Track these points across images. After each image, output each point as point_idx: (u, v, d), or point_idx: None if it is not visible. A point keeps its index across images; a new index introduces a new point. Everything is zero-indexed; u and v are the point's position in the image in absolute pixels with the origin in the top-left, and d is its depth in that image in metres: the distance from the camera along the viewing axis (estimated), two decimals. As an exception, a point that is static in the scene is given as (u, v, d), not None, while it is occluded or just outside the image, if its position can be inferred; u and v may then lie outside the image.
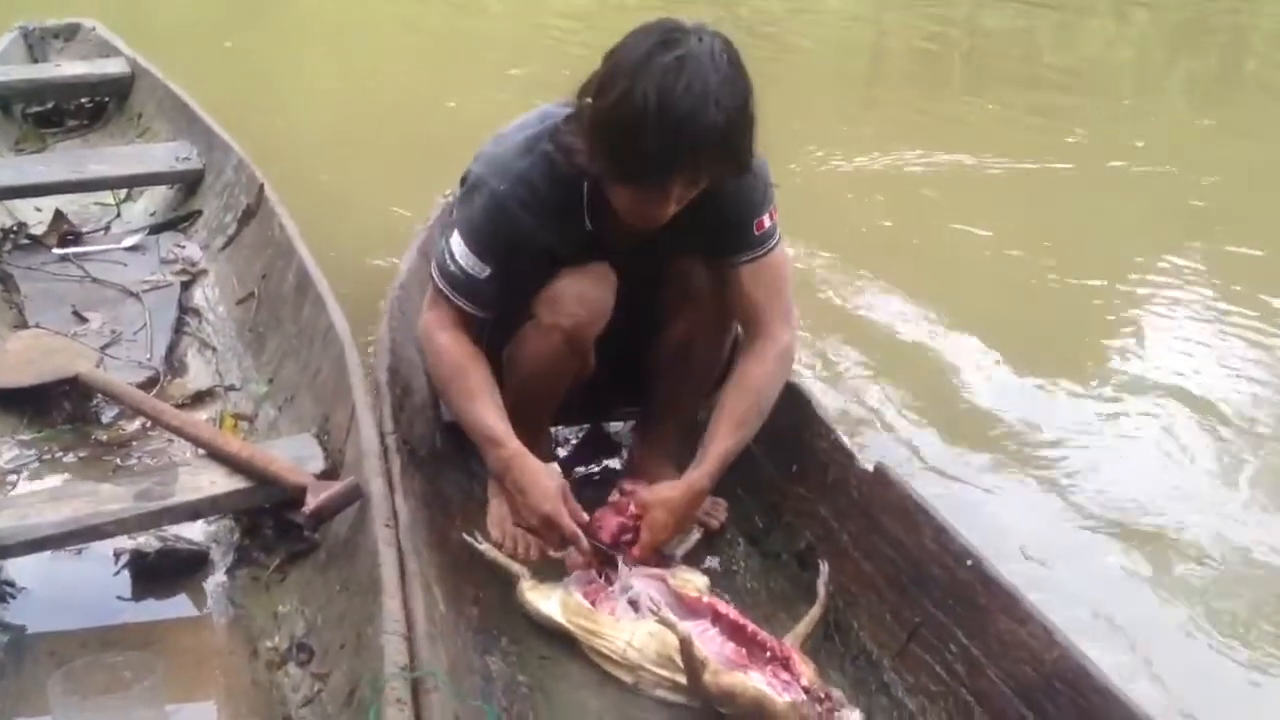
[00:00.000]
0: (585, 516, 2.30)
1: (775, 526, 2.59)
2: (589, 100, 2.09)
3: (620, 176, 2.11)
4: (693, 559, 2.48)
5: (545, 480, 2.26)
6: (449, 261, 2.30)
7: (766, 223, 2.35)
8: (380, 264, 3.95)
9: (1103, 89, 7.15)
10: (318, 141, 5.44)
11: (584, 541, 2.26)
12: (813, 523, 2.50)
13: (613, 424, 2.95)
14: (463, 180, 2.34)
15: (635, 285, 2.39)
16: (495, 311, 2.34)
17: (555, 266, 2.33)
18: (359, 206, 4.60)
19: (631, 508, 2.36)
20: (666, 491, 2.35)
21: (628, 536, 2.34)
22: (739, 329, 2.51)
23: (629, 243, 2.30)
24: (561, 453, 2.88)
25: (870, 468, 2.40)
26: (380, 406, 2.51)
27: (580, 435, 2.96)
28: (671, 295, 2.44)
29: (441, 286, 2.32)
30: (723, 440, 2.33)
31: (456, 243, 2.29)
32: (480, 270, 2.27)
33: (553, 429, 2.87)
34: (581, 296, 2.31)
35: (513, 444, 2.27)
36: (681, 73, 1.97)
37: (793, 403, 2.58)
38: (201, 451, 2.52)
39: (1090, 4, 9.31)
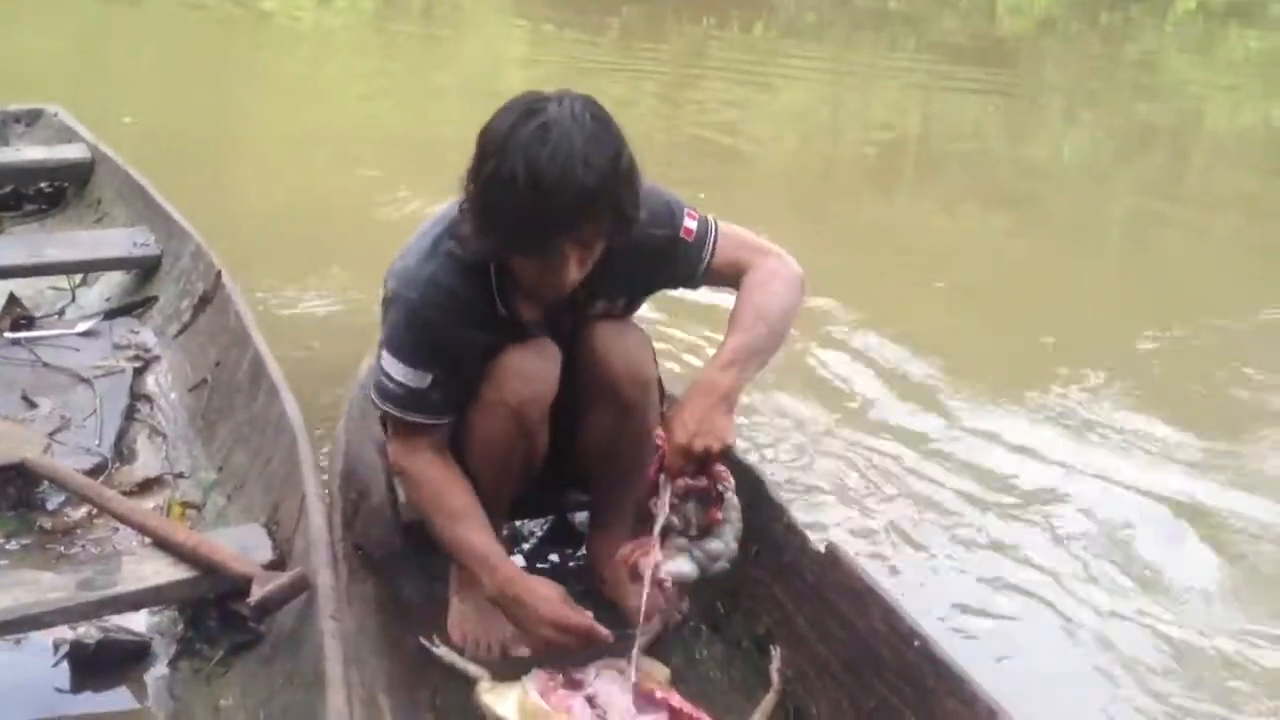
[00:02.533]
0: (589, 614, 2.27)
1: (735, 611, 2.56)
2: (468, 184, 2.10)
3: (510, 251, 2.11)
4: (655, 647, 2.44)
5: (544, 590, 2.26)
6: (388, 383, 2.26)
7: (692, 226, 2.32)
8: (336, 348, 3.94)
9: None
10: (277, 224, 5.43)
11: (600, 630, 2.24)
12: (770, 606, 2.48)
13: (578, 514, 2.88)
14: (383, 300, 2.31)
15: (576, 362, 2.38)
16: (453, 413, 2.30)
17: (492, 354, 2.31)
18: (317, 293, 4.59)
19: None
20: (681, 402, 2.25)
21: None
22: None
23: (555, 313, 2.32)
24: (525, 547, 2.85)
25: (822, 549, 2.38)
26: (332, 512, 2.48)
27: (544, 528, 2.93)
28: (582, 383, 2.40)
29: (391, 411, 2.28)
30: (732, 339, 2.23)
31: (389, 362, 2.25)
32: (421, 380, 2.23)
33: (516, 523, 2.86)
34: (524, 372, 2.27)
35: (504, 564, 2.28)
36: (546, 140, 1.97)
37: (746, 485, 2.56)
38: (147, 540, 2.46)
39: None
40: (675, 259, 2.34)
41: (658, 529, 2.23)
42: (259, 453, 2.84)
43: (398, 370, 2.24)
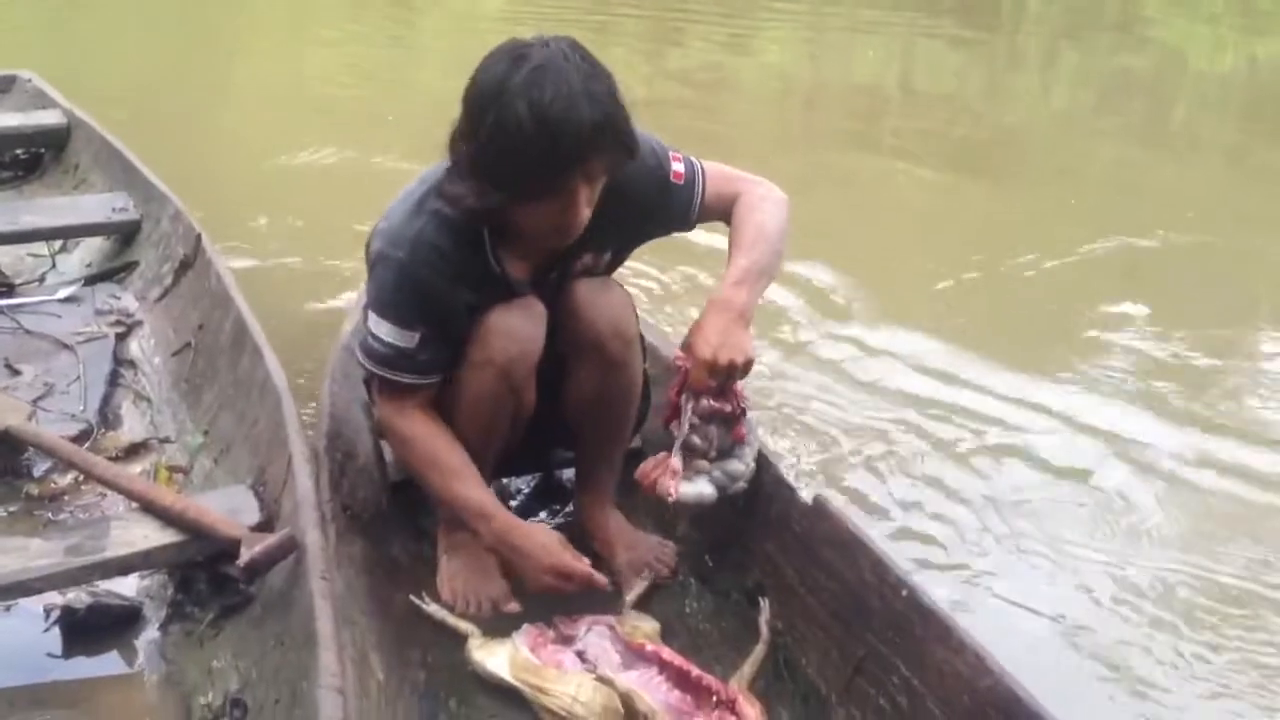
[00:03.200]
0: (586, 560, 2.28)
1: (724, 564, 2.57)
2: (462, 145, 2.10)
3: (525, 197, 2.10)
4: (643, 603, 2.45)
5: (542, 537, 2.28)
6: (375, 344, 2.25)
7: (680, 169, 2.38)
8: (318, 308, 3.93)
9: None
10: (255, 187, 5.40)
11: (599, 578, 2.26)
12: (759, 559, 2.49)
13: (565, 471, 2.88)
14: (368, 262, 2.30)
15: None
16: (441, 373, 2.30)
17: (480, 314, 2.31)
18: (297, 253, 4.57)
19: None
20: (699, 321, 2.28)
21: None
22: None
23: (542, 270, 2.33)
24: (513, 504, 2.84)
25: (810, 500, 2.39)
26: (319, 472, 2.48)
27: (531, 485, 2.92)
28: (567, 341, 2.40)
29: (379, 371, 2.28)
30: (739, 259, 2.29)
31: (375, 322, 2.25)
32: (409, 340, 2.23)
33: (503, 480, 2.85)
34: (510, 331, 2.27)
35: (501, 514, 2.29)
36: (543, 82, 1.99)
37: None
38: (134, 505, 2.46)
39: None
40: (668, 203, 2.38)
41: (678, 444, 2.30)
42: (244, 415, 2.84)
43: (385, 330, 2.23)
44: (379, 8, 10.99)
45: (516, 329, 2.28)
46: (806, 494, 2.43)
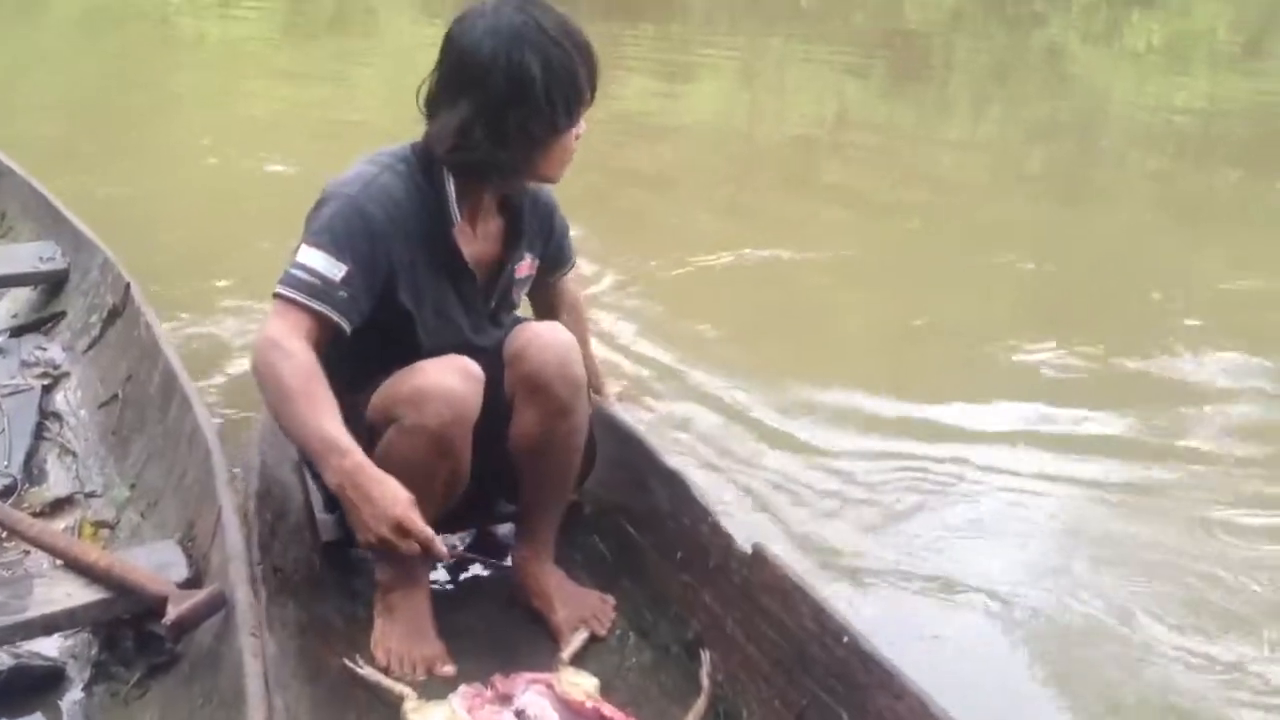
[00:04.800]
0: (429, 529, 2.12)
1: (663, 617, 2.54)
2: (464, 100, 2.19)
3: (565, 118, 2.22)
4: (582, 659, 2.42)
5: (394, 487, 2.07)
6: (298, 272, 2.17)
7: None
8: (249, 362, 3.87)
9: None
10: (188, 234, 5.32)
11: (439, 544, 2.10)
12: (699, 610, 2.46)
13: (500, 526, 2.83)
14: (311, 210, 2.27)
15: (497, 366, 2.37)
16: (352, 321, 2.20)
17: (413, 298, 2.29)
18: (229, 303, 4.50)
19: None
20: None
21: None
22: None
23: (491, 265, 2.42)
24: (447, 562, 2.78)
25: (749, 549, 2.37)
26: (249, 528, 2.42)
27: (466, 542, 2.86)
28: (513, 382, 2.39)
29: (291, 295, 2.15)
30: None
31: (305, 251, 2.18)
32: (335, 270, 2.16)
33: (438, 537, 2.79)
34: (446, 393, 2.21)
35: (358, 453, 2.08)
36: (541, 16, 2.19)
37: (671, 487, 2.57)
38: (58, 562, 2.39)
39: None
40: (562, 249, 2.67)
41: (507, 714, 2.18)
42: (173, 468, 2.78)
43: (313, 257, 2.17)
44: (317, 54, 10.97)
45: (452, 391, 2.22)
46: (745, 543, 2.41)
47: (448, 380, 2.22)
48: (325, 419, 2.09)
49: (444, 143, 2.23)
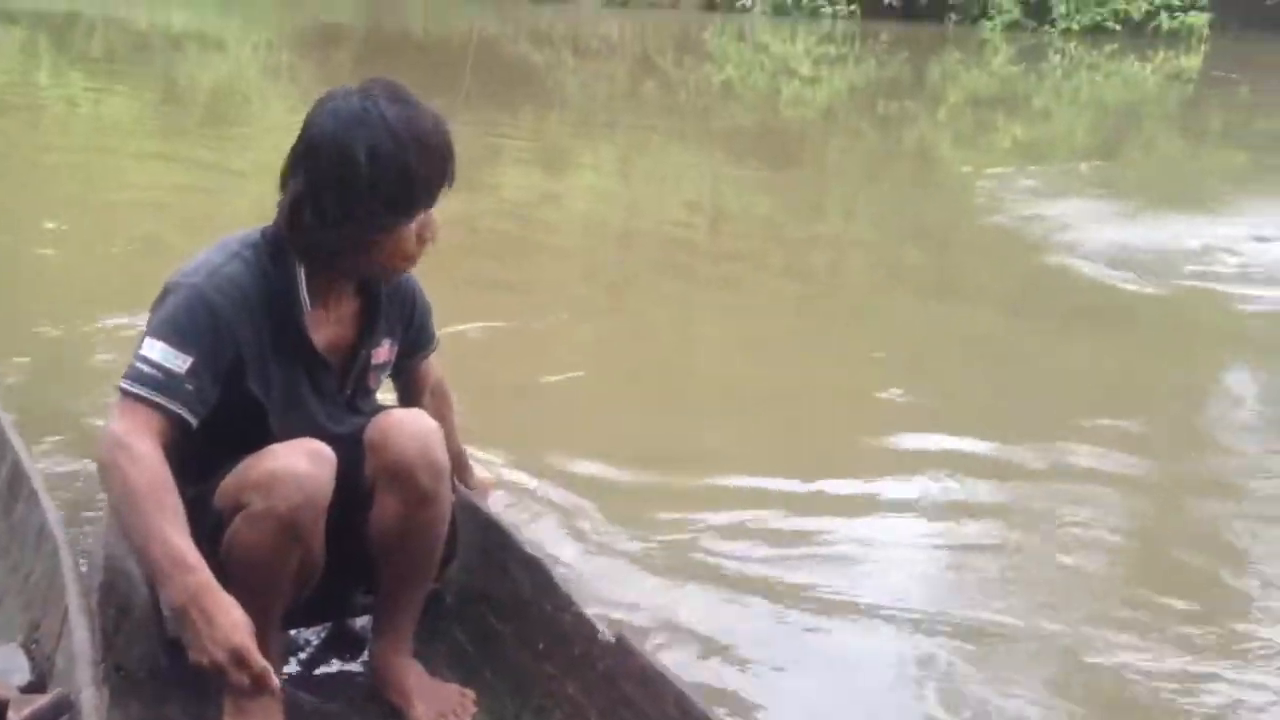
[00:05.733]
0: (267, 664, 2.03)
1: (525, 709, 2.48)
2: (303, 183, 2.18)
3: (404, 217, 2.20)
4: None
5: (237, 613, 1.99)
6: (142, 366, 2.12)
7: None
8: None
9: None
10: (41, 326, 5.15)
11: (272, 679, 2.00)
12: (562, 701, 2.42)
13: (357, 619, 2.75)
14: (156, 299, 2.24)
15: (354, 453, 2.32)
16: (197, 414, 2.14)
17: (263, 387, 2.25)
18: (80, 394, 4.36)
19: None
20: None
21: None
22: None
23: (345, 352, 2.38)
24: (302, 655, 2.71)
25: (613, 638, 2.35)
26: (93, 628, 2.34)
27: (321, 636, 2.78)
28: (374, 468, 2.35)
29: (134, 390, 2.10)
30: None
31: (148, 344, 2.14)
32: (180, 363, 2.11)
33: (291, 632, 2.68)
34: (297, 476, 2.15)
35: (205, 571, 2.00)
36: (393, 110, 2.16)
37: (534, 575, 2.55)
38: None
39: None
40: (423, 331, 2.63)
41: None
42: (18, 567, 2.65)
43: (156, 351, 2.13)
44: (190, 141, 10.85)
45: (303, 474, 2.15)
46: (609, 631, 2.38)
47: (298, 463, 2.16)
48: (172, 530, 2.02)
49: (279, 220, 2.23)
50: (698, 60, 19.84)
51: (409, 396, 2.74)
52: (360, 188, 2.15)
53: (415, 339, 2.62)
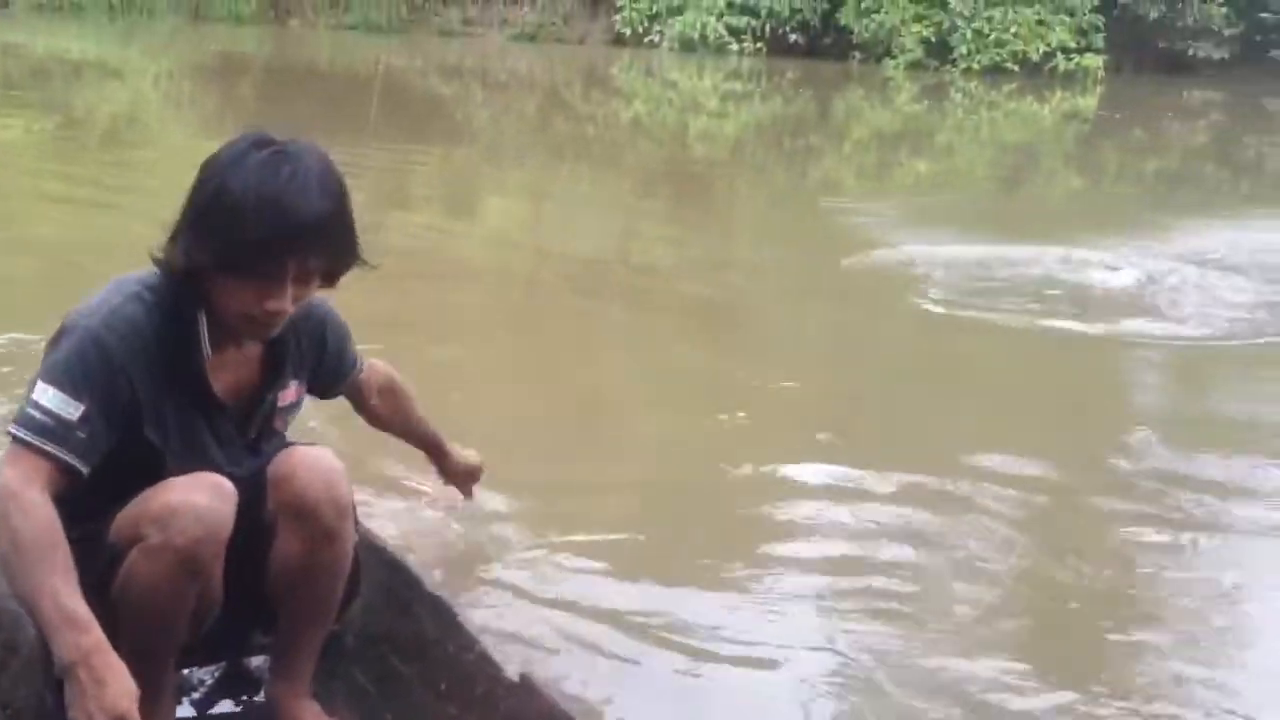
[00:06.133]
0: None
1: (428, 751, 2.44)
2: (188, 208, 2.10)
3: (234, 269, 2.05)
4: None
5: (126, 680, 1.95)
6: (33, 412, 2.06)
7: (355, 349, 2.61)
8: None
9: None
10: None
11: None
12: (465, 742, 2.38)
13: (254, 659, 2.68)
14: (50, 338, 2.17)
15: (255, 491, 2.26)
16: (90, 463, 2.09)
17: (159, 433, 2.17)
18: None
19: None
20: None
21: None
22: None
23: (246, 399, 2.29)
24: (195, 696, 2.64)
25: (517, 678, 2.32)
26: None
27: (215, 675, 2.71)
28: (277, 505, 2.30)
29: (25, 437, 2.05)
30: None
31: (41, 391, 2.07)
32: (72, 411, 2.05)
33: (184, 671, 2.61)
34: (195, 509, 2.10)
35: (96, 631, 1.96)
36: (283, 163, 2.04)
37: (437, 614, 2.50)
38: None
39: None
40: (340, 362, 2.58)
41: None
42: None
43: (49, 397, 2.06)
44: (90, 169, 10.62)
45: (202, 507, 2.11)
46: (513, 671, 2.35)
47: (198, 497, 2.11)
48: (62, 585, 1.97)
49: (161, 253, 2.16)
50: (606, 95, 19.92)
51: (361, 409, 2.86)
52: (200, 226, 2.07)
53: (334, 369, 2.59)
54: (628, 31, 24.99)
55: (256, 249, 2.03)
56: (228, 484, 2.17)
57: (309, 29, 26.58)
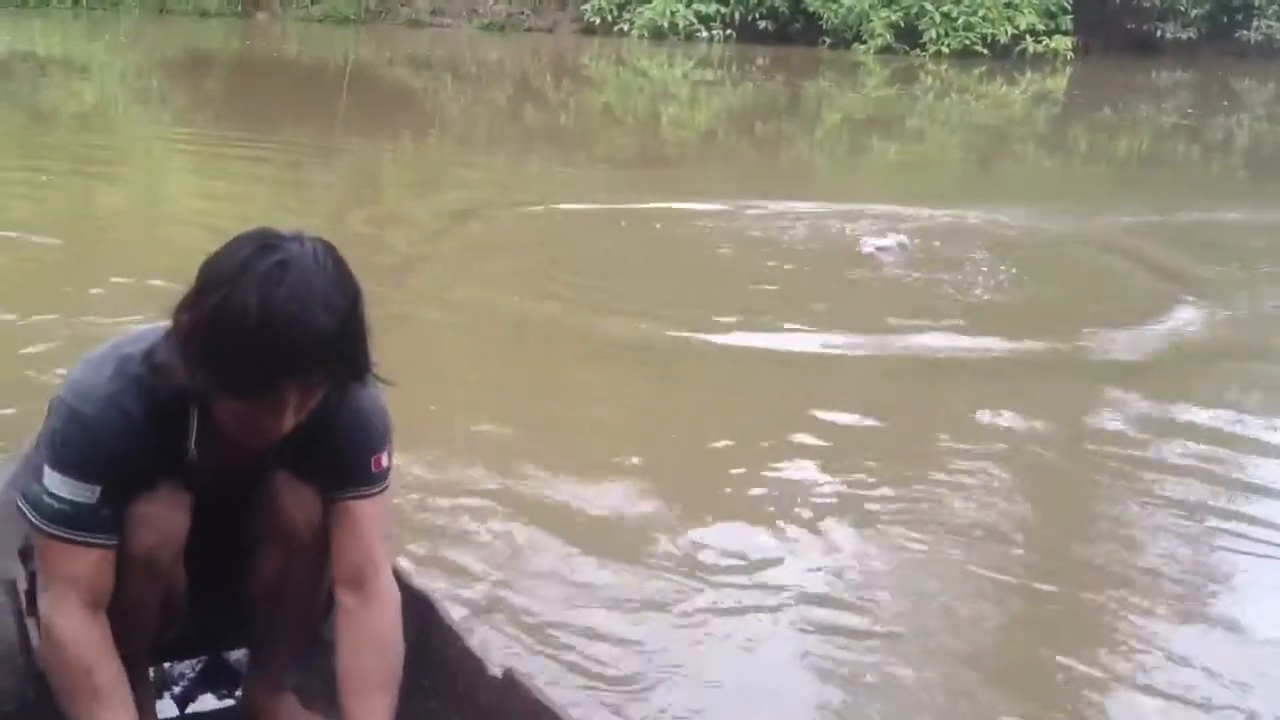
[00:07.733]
0: None
1: (409, 746, 2.43)
2: (185, 316, 1.97)
3: (227, 391, 1.97)
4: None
5: None
6: (52, 502, 2.04)
7: (384, 461, 2.26)
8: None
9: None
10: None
11: None
12: (447, 737, 2.36)
13: (233, 653, 2.67)
14: (50, 405, 2.12)
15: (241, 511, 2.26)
16: (119, 534, 2.10)
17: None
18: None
19: None
20: None
21: None
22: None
23: (240, 474, 2.20)
24: (176, 690, 2.63)
25: (499, 673, 2.31)
26: None
27: (196, 669, 2.69)
28: (259, 524, 2.28)
29: (55, 533, 2.05)
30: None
31: (52, 478, 2.05)
32: (89, 494, 2.04)
33: (166, 665, 2.63)
34: (151, 520, 2.12)
35: None
36: (284, 278, 1.88)
37: (419, 610, 2.48)
38: None
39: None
40: (349, 469, 2.24)
41: None
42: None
43: (62, 485, 2.04)
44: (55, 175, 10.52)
45: (158, 518, 2.13)
46: (496, 666, 2.34)
47: (151, 506, 2.13)
48: (105, 712, 2.05)
49: (157, 360, 2.05)
50: (577, 84, 19.86)
51: (335, 562, 2.29)
52: (198, 345, 1.94)
53: (344, 468, 2.25)
54: (597, 20, 24.97)
55: (255, 377, 1.92)
56: (182, 492, 2.17)
57: (276, 21, 26.43)
